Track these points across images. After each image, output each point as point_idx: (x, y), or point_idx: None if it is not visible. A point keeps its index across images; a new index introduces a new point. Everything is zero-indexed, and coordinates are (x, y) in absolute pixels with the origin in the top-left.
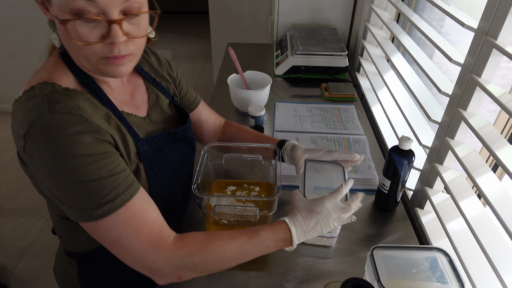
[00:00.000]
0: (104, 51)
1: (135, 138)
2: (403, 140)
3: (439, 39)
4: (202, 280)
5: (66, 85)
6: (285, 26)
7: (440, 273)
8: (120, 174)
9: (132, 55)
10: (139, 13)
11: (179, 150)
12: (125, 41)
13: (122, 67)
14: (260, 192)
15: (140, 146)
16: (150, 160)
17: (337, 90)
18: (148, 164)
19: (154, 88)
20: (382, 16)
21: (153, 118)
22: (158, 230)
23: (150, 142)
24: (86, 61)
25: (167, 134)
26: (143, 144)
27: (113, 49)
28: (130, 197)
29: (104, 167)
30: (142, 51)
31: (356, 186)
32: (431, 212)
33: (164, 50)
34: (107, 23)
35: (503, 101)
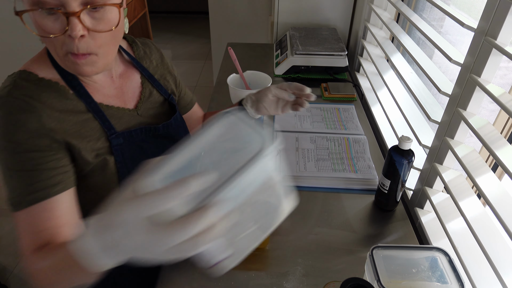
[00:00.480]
0: (67, 45)
1: (110, 131)
2: (403, 140)
3: (439, 39)
4: (202, 280)
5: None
6: (285, 26)
7: (440, 273)
8: (45, 172)
9: (94, 55)
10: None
11: (161, 147)
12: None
13: (85, 67)
14: None
15: (113, 139)
16: (123, 153)
17: (337, 90)
18: (120, 157)
19: (150, 85)
20: (382, 16)
21: (141, 112)
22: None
23: (126, 136)
24: (56, 55)
25: (147, 129)
26: (118, 137)
27: (73, 45)
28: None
29: (32, 160)
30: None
31: (356, 186)
32: (431, 212)
33: (164, 50)
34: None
35: (503, 101)
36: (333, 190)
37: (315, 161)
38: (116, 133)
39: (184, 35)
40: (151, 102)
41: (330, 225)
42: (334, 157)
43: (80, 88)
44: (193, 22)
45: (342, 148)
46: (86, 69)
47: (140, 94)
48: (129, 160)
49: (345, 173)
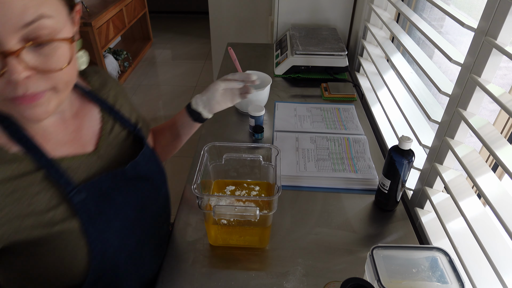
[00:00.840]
0: (7, 90)
1: (68, 188)
2: (403, 139)
3: (439, 39)
4: (202, 280)
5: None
6: (285, 26)
7: (440, 273)
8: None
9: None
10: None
11: (135, 192)
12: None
13: (39, 108)
14: (260, 192)
15: (74, 195)
16: (88, 211)
17: (337, 90)
18: (86, 216)
19: (111, 118)
20: (382, 16)
21: (102, 153)
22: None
23: (90, 188)
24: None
25: (113, 174)
26: (80, 192)
27: (16, 88)
28: None
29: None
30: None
31: (356, 186)
32: (431, 212)
33: (164, 50)
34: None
35: (503, 101)
36: (333, 190)
37: (315, 161)
38: (77, 188)
39: (184, 35)
40: (113, 139)
41: (330, 225)
42: (334, 157)
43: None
44: (193, 22)
45: (342, 148)
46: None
47: (101, 131)
48: (99, 218)
49: (345, 173)
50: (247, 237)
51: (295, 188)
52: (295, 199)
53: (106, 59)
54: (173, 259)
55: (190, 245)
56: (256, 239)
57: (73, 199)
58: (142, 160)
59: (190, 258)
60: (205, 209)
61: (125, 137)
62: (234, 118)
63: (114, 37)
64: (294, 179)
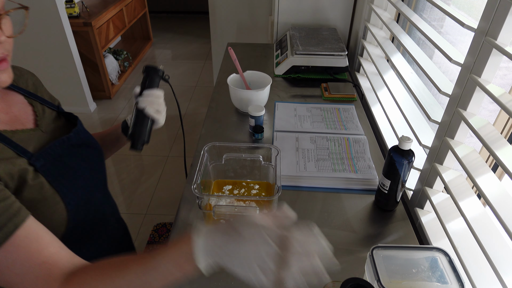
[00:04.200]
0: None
1: (26, 155)
2: (403, 140)
3: (439, 39)
4: (202, 280)
5: None
6: (285, 26)
7: (440, 273)
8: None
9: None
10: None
11: (82, 156)
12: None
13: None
14: (260, 191)
15: (35, 162)
16: (51, 173)
17: (337, 90)
18: (51, 177)
19: (37, 102)
20: (382, 16)
21: (44, 129)
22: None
23: (44, 155)
24: None
25: (60, 142)
26: (38, 159)
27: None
28: (15, 229)
29: None
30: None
31: (356, 186)
32: (431, 212)
33: (164, 50)
34: None
35: (503, 101)
36: (333, 190)
37: (315, 161)
38: (34, 155)
39: (184, 35)
40: (48, 118)
41: (330, 225)
42: (334, 157)
43: None
44: (193, 22)
45: (342, 148)
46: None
47: (34, 112)
48: (62, 178)
49: (345, 173)
50: None
51: (295, 188)
52: (295, 199)
53: (106, 59)
54: None
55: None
56: None
57: (36, 164)
58: (81, 129)
59: None
60: (205, 209)
61: (55, 116)
62: (234, 118)
63: (114, 37)
64: (294, 179)
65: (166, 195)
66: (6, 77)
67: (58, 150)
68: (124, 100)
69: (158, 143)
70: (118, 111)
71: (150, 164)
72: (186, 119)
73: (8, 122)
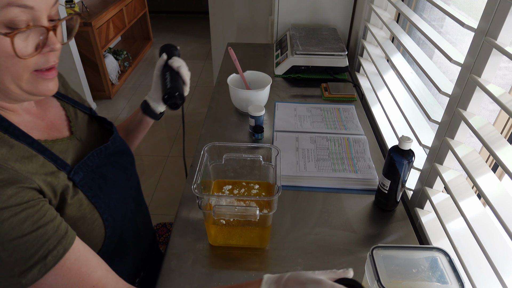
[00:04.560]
0: (39, 62)
1: (66, 169)
2: (403, 140)
3: (439, 39)
4: (202, 280)
5: None
6: (285, 26)
7: (440, 273)
8: (49, 225)
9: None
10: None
11: (118, 165)
12: None
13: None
14: (260, 191)
15: (74, 176)
16: (90, 188)
17: (337, 90)
18: (90, 192)
19: (69, 105)
20: (382, 16)
21: (79, 136)
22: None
23: (83, 167)
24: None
25: (98, 152)
26: (77, 173)
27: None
28: (64, 252)
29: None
30: None
31: (356, 186)
32: (431, 212)
33: None
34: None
35: (503, 101)
36: (333, 190)
37: (315, 161)
38: (73, 168)
39: (184, 35)
40: (81, 122)
41: (330, 225)
42: (334, 157)
43: (14, 129)
44: (193, 22)
45: (342, 148)
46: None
47: (67, 117)
48: (99, 191)
49: (345, 173)
50: (247, 237)
51: (295, 188)
52: (295, 199)
53: (106, 59)
54: (173, 259)
55: (190, 245)
56: (256, 239)
57: (74, 179)
58: (117, 136)
59: (190, 258)
60: (205, 209)
61: (88, 120)
62: (234, 118)
63: (114, 37)
64: (294, 179)
65: (166, 195)
66: (53, 85)
67: (96, 161)
68: (124, 100)
69: (158, 143)
70: (118, 111)
71: (150, 164)
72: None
73: (45, 130)
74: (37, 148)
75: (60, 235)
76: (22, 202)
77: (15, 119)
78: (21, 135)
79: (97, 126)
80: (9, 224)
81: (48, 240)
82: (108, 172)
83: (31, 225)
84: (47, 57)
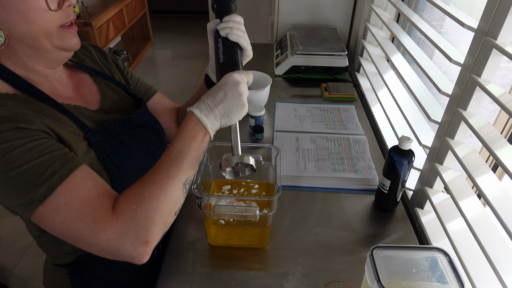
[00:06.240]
0: (62, 17)
1: (84, 129)
2: (403, 140)
3: (439, 39)
4: (202, 280)
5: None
6: (285, 26)
7: (440, 273)
8: (55, 152)
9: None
10: None
11: (140, 137)
12: None
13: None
14: (260, 191)
15: (90, 136)
16: (104, 150)
17: (337, 90)
18: (103, 153)
19: (103, 81)
20: (382, 16)
21: (108, 109)
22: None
23: (102, 131)
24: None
25: (121, 121)
26: (94, 134)
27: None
28: (70, 172)
29: (33, 148)
30: None
31: (356, 186)
32: (431, 212)
33: (164, 50)
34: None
35: (503, 101)
36: (333, 190)
37: (315, 161)
38: (91, 130)
39: (184, 35)
40: (113, 97)
41: (330, 225)
42: (334, 157)
43: (39, 94)
44: (193, 22)
45: (342, 148)
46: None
47: (99, 92)
48: (113, 155)
49: (345, 173)
50: (247, 237)
51: (295, 188)
52: (295, 199)
53: None
54: (173, 259)
55: (190, 245)
56: (256, 239)
57: (90, 139)
58: (145, 111)
59: (190, 258)
60: (205, 209)
61: (121, 95)
62: None
63: (114, 37)
64: (294, 179)
65: None
66: (77, 40)
67: (116, 129)
68: None
69: None
70: None
71: None
72: None
73: (75, 99)
74: (59, 109)
75: (66, 159)
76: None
77: (46, 86)
78: (46, 98)
79: (131, 101)
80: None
81: (54, 163)
82: (127, 141)
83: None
84: (67, 12)
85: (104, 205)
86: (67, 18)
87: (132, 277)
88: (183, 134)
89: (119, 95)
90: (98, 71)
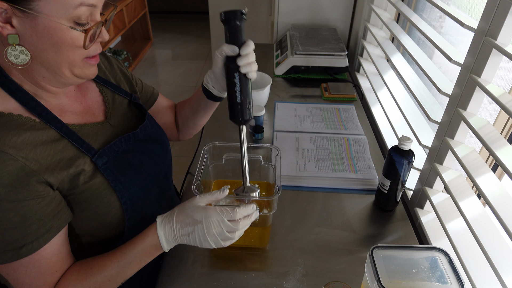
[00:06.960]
0: (91, 51)
1: (90, 153)
2: (403, 140)
3: (439, 39)
4: (202, 280)
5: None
6: (285, 26)
7: (440, 273)
8: (33, 225)
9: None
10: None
11: (147, 152)
12: None
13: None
14: (260, 191)
15: (97, 160)
16: (112, 172)
17: (337, 90)
18: (111, 175)
19: (108, 90)
20: (382, 16)
21: (113, 122)
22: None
23: (108, 152)
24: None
25: (126, 138)
26: (101, 157)
27: (98, 47)
28: (38, 248)
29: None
30: None
31: (356, 186)
32: (431, 212)
33: (164, 50)
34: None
35: (503, 101)
36: (333, 190)
37: (315, 161)
38: (98, 152)
39: (184, 35)
40: (118, 108)
41: (330, 225)
42: (334, 157)
43: (46, 114)
44: (193, 22)
45: (342, 148)
46: (95, 70)
47: (104, 102)
48: (121, 176)
49: (345, 173)
50: (247, 237)
51: (295, 188)
52: (295, 199)
53: None
54: (173, 259)
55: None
56: (256, 239)
57: (97, 163)
58: (149, 123)
59: (190, 258)
60: None
61: (127, 105)
62: None
63: (114, 37)
64: (294, 179)
65: None
66: (96, 69)
67: (122, 146)
68: None
69: None
70: None
71: None
72: None
73: (80, 113)
74: (65, 132)
75: (40, 233)
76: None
77: (54, 102)
78: (52, 120)
79: (135, 113)
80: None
81: (28, 235)
82: (134, 158)
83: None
84: (97, 46)
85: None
86: (95, 51)
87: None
88: (138, 248)
89: (124, 107)
90: (104, 79)
